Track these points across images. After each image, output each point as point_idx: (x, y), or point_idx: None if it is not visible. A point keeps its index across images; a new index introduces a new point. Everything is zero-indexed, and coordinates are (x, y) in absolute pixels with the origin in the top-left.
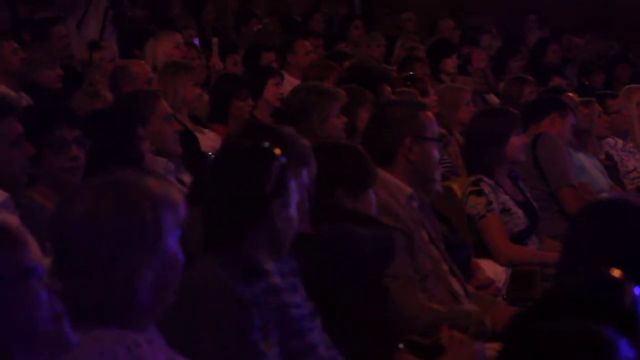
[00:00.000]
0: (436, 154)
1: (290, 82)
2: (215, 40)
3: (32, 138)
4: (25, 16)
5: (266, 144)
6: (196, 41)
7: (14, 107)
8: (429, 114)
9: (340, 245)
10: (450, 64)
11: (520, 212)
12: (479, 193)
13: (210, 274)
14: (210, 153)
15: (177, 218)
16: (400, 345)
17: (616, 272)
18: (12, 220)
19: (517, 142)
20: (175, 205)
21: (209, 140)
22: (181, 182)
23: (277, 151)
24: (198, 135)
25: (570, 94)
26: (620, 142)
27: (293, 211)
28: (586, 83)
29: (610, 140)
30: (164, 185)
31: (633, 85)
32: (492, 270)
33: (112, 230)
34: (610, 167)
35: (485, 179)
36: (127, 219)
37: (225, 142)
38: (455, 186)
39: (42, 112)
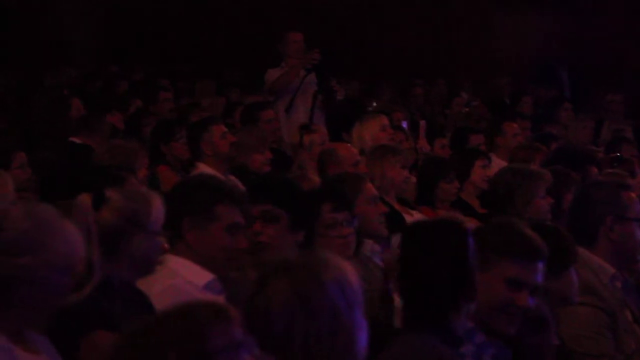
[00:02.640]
0: (638, 234)
1: (498, 164)
2: (422, 123)
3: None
4: (236, 101)
5: (457, 218)
6: (404, 124)
7: (242, 199)
8: (632, 194)
9: None
10: None
11: None
12: None
13: (427, 348)
14: None
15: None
16: None
17: None
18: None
19: None
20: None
21: None
22: None
23: (467, 225)
24: (406, 217)
25: None
26: None
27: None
28: None
29: None
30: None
31: None
32: None
33: (322, 309)
34: None
35: None
36: (334, 295)
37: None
38: None
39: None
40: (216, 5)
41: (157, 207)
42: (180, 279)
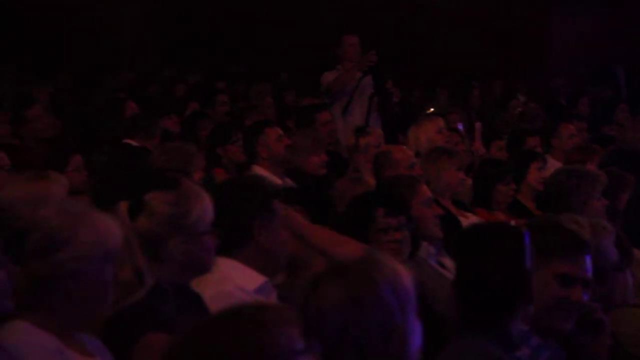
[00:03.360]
0: None
1: (554, 165)
2: (478, 125)
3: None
4: (291, 103)
5: (513, 223)
6: (460, 126)
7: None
8: None
9: None
10: None
11: None
12: None
13: (483, 352)
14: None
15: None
16: None
17: None
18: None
19: None
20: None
21: None
22: (442, 265)
23: (523, 229)
24: (461, 219)
25: None
26: None
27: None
28: None
29: None
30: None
31: None
32: None
33: (373, 311)
34: None
35: None
36: (388, 297)
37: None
38: None
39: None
40: (272, 8)
41: (200, 207)
42: (231, 285)
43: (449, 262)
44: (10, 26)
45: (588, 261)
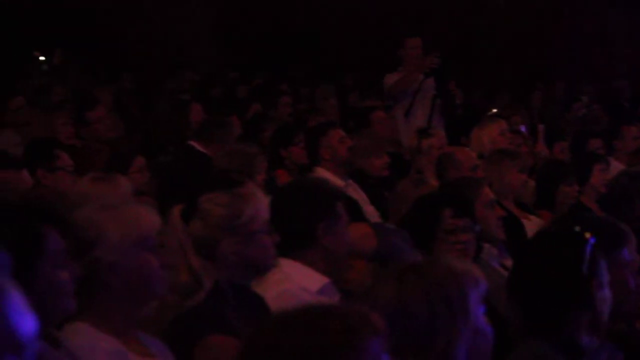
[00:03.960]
0: None
1: (617, 167)
2: (541, 127)
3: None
4: (354, 105)
5: (577, 229)
6: (522, 128)
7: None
8: None
9: None
10: None
11: None
12: None
13: (543, 356)
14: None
15: (480, 293)
16: None
17: None
18: None
19: None
20: (478, 282)
21: (535, 227)
22: (504, 267)
23: (587, 235)
24: (524, 221)
25: None
26: None
27: (607, 291)
28: None
29: None
30: (465, 264)
31: None
32: None
33: (420, 312)
34: None
35: None
36: (434, 300)
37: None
38: None
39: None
40: (336, 11)
41: (253, 207)
42: (293, 284)
43: (511, 264)
44: (73, 26)
45: None
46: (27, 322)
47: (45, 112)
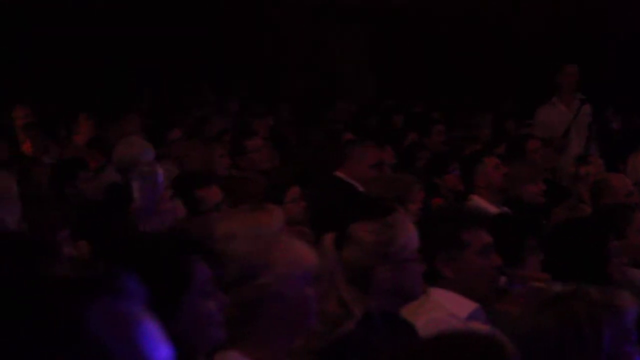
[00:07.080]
0: None
1: None
2: None
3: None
4: (511, 132)
5: None
6: None
7: (483, 219)
8: None
9: None
10: None
11: None
12: None
13: None
14: None
15: (624, 324)
16: None
17: None
18: None
19: None
20: (621, 312)
21: None
22: None
23: None
24: None
25: None
26: None
27: None
28: None
29: None
30: (609, 294)
31: None
32: None
33: (552, 343)
34: None
35: None
36: (567, 332)
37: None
38: None
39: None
40: (491, 40)
41: (405, 235)
42: (443, 312)
43: None
44: (233, 58)
45: None
46: (161, 352)
47: (203, 144)
